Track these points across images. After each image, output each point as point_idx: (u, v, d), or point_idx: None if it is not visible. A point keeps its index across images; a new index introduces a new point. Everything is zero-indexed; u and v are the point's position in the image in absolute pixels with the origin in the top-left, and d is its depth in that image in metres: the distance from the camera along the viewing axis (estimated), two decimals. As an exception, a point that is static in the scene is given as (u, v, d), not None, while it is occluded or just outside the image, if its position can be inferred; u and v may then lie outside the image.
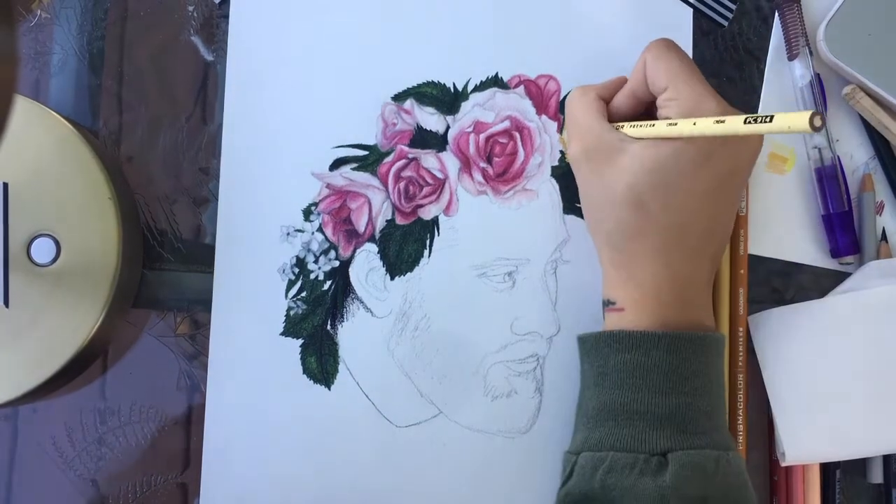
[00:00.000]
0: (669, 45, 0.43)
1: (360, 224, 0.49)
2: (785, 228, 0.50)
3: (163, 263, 0.50)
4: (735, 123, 0.36)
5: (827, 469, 0.49)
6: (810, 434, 0.47)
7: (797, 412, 0.47)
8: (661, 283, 0.42)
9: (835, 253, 0.49)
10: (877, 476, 0.49)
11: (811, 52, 0.49)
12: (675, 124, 0.40)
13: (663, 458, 0.39)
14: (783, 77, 0.51)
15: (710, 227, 0.43)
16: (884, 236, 0.49)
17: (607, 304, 0.44)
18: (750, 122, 0.35)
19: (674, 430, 0.40)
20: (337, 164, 0.50)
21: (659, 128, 0.41)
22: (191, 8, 0.51)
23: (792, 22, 0.49)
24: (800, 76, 0.49)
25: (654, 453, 0.39)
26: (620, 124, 0.44)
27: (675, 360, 0.40)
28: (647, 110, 0.46)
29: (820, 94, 0.49)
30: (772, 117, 0.34)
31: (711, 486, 0.39)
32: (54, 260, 0.47)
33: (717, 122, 0.37)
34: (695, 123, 0.39)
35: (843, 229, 0.49)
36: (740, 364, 0.47)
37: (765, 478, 0.49)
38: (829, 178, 0.49)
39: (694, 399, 0.40)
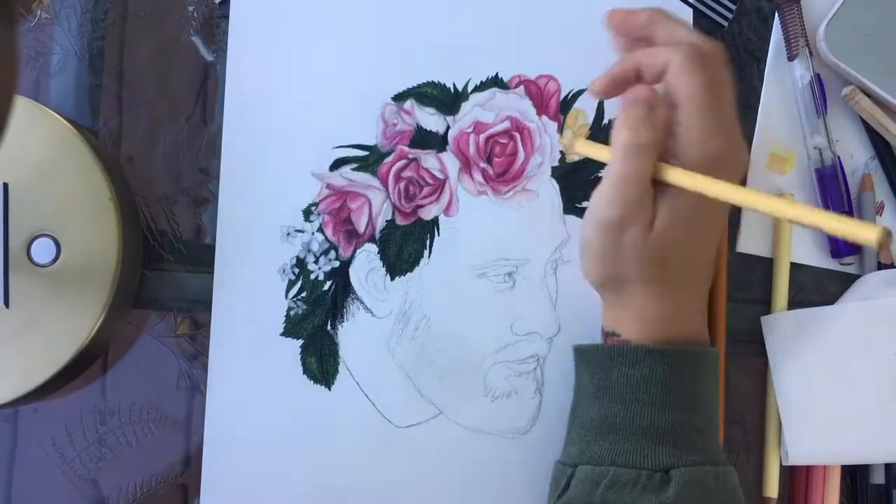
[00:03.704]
0: (706, 58, 0.38)
1: (361, 224, 0.49)
2: (785, 229, 0.50)
3: (163, 264, 0.50)
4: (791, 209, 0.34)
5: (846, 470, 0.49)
6: (815, 436, 0.47)
7: (804, 414, 0.47)
8: (667, 316, 0.41)
9: (835, 253, 0.49)
10: (878, 477, 0.49)
11: (811, 53, 0.49)
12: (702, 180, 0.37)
13: (666, 474, 0.39)
14: (783, 77, 0.50)
15: (706, 257, 0.42)
16: (885, 236, 0.49)
17: (610, 334, 0.43)
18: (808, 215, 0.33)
19: (675, 445, 0.40)
20: (337, 165, 0.50)
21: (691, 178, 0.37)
22: (191, 8, 0.51)
23: (792, 22, 0.49)
24: (800, 76, 0.49)
25: (657, 469, 0.39)
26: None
27: (677, 376, 0.40)
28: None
29: (820, 94, 0.49)
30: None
31: (712, 501, 0.39)
32: (54, 260, 0.47)
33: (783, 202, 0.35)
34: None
35: (844, 229, 0.49)
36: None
37: (784, 474, 0.49)
38: (829, 179, 0.49)
39: (694, 415, 0.40)
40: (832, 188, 0.49)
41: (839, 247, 0.49)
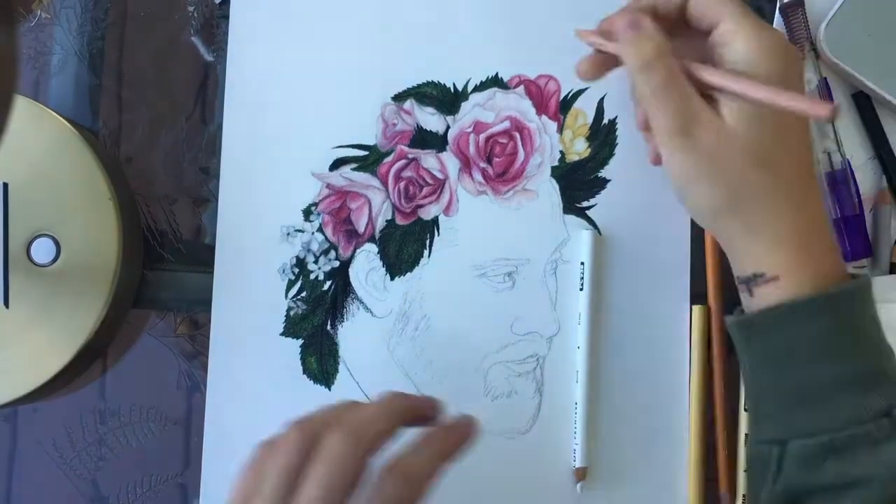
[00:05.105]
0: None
1: (360, 224, 0.49)
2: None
3: (163, 264, 0.50)
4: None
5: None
6: None
7: None
8: (801, 229, 0.39)
9: (847, 257, 0.49)
10: None
11: (818, 56, 0.49)
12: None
13: (888, 417, 0.36)
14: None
15: (804, 168, 0.40)
16: (896, 242, 0.49)
17: (754, 279, 0.39)
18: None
19: (880, 383, 0.37)
20: (337, 165, 0.50)
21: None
22: (191, 8, 0.51)
23: (797, 25, 0.49)
24: (806, 80, 0.49)
25: (877, 416, 0.36)
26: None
27: (863, 317, 0.38)
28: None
29: (827, 97, 0.49)
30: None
31: None
32: (54, 260, 0.47)
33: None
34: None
35: (855, 233, 0.48)
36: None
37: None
38: (840, 183, 0.48)
39: (880, 346, 0.38)
40: (842, 192, 0.48)
41: (851, 250, 0.48)
